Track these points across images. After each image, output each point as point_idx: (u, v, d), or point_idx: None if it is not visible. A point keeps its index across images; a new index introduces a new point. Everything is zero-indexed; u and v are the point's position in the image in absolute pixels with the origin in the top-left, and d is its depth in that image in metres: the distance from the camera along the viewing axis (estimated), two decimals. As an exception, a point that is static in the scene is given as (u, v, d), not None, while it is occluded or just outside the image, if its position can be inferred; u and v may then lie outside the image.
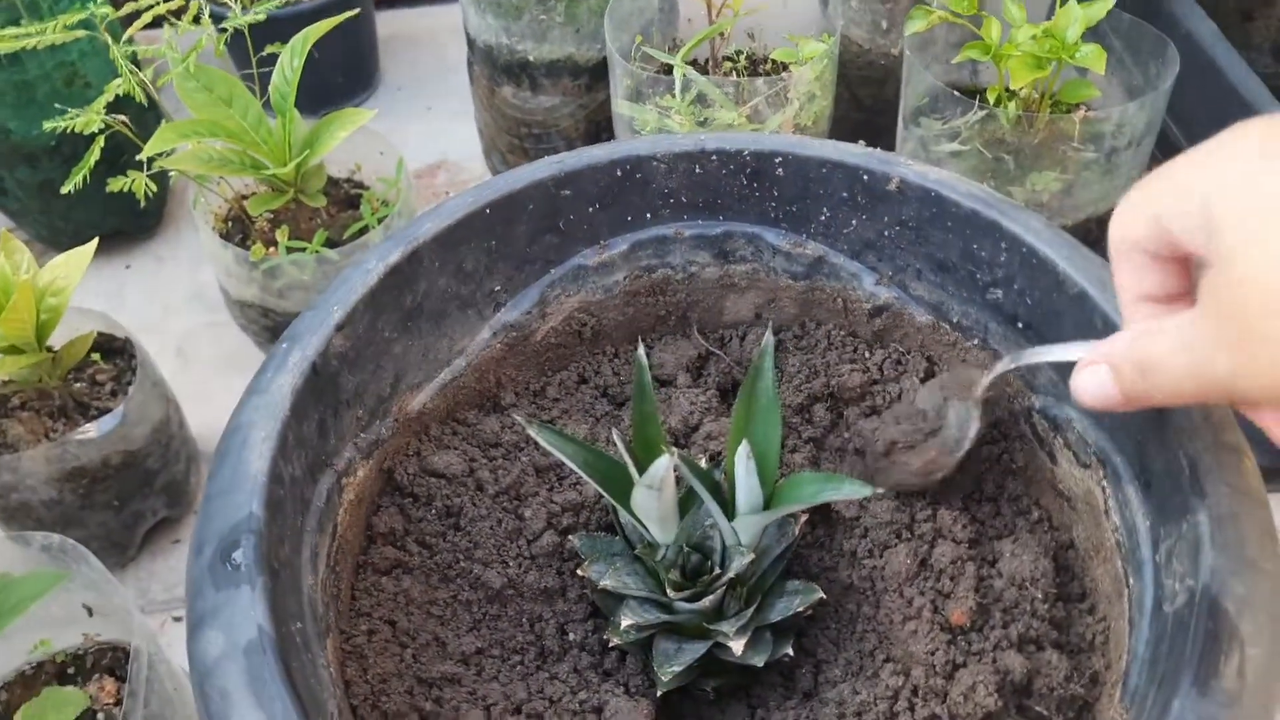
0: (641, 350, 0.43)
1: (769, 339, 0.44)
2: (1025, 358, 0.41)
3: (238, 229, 0.80)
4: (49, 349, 0.66)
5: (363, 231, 0.77)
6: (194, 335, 0.90)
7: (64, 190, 0.71)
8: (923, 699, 0.39)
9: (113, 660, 0.53)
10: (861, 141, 0.50)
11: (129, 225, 0.96)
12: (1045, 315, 0.45)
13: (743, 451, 0.39)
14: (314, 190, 0.76)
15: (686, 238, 0.52)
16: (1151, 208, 0.31)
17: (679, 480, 0.41)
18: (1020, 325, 0.46)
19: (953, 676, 0.39)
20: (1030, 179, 0.69)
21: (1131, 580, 0.39)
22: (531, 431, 0.42)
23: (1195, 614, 0.33)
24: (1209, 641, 0.32)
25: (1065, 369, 0.37)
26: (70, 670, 0.53)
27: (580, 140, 0.90)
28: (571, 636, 0.46)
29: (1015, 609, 0.42)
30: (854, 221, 0.50)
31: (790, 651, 0.42)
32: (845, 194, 0.49)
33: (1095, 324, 0.42)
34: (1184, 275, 0.32)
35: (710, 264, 0.53)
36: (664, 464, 0.37)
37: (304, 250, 0.73)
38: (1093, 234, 0.73)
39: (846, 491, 0.38)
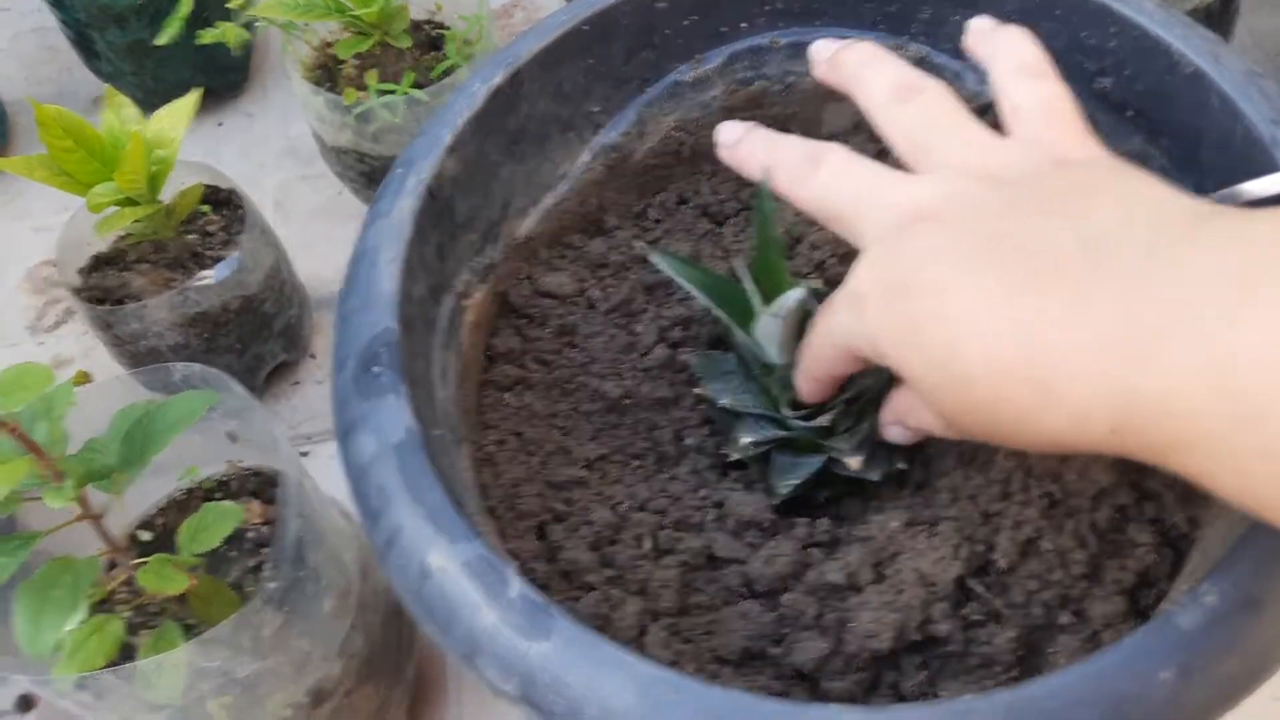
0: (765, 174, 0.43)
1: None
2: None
3: (325, 79, 0.81)
4: (160, 202, 0.69)
5: (449, 72, 0.77)
6: (290, 188, 0.92)
7: (158, 42, 0.72)
8: (1036, 479, 0.40)
9: (256, 485, 0.57)
10: (962, -67, 0.48)
11: (218, 83, 0.97)
12: (1157, 100, 0.44)
13: None
14: (398, 31, 0.76)
15: (783, 46, 0.52)
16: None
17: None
18: (1130, 114, 0.45)
19: (1066, 459, 0.40)
20: (1133, -29, 0.66)
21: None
22: (653, 258, 0.43)
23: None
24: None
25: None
26: (217, 495, 0.57)
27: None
28: (688, 442, 0.47)
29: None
30: (956, 18, 0.49)
31: (904, 465, 0.43)
32: (947, -11, 0.48)
33: (1211, 103, 0.41)
34: None
35: (808, 73, 0.52)
36: (796, 296, 0.37)
37: (393, 93, 0.73)
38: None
39: None
